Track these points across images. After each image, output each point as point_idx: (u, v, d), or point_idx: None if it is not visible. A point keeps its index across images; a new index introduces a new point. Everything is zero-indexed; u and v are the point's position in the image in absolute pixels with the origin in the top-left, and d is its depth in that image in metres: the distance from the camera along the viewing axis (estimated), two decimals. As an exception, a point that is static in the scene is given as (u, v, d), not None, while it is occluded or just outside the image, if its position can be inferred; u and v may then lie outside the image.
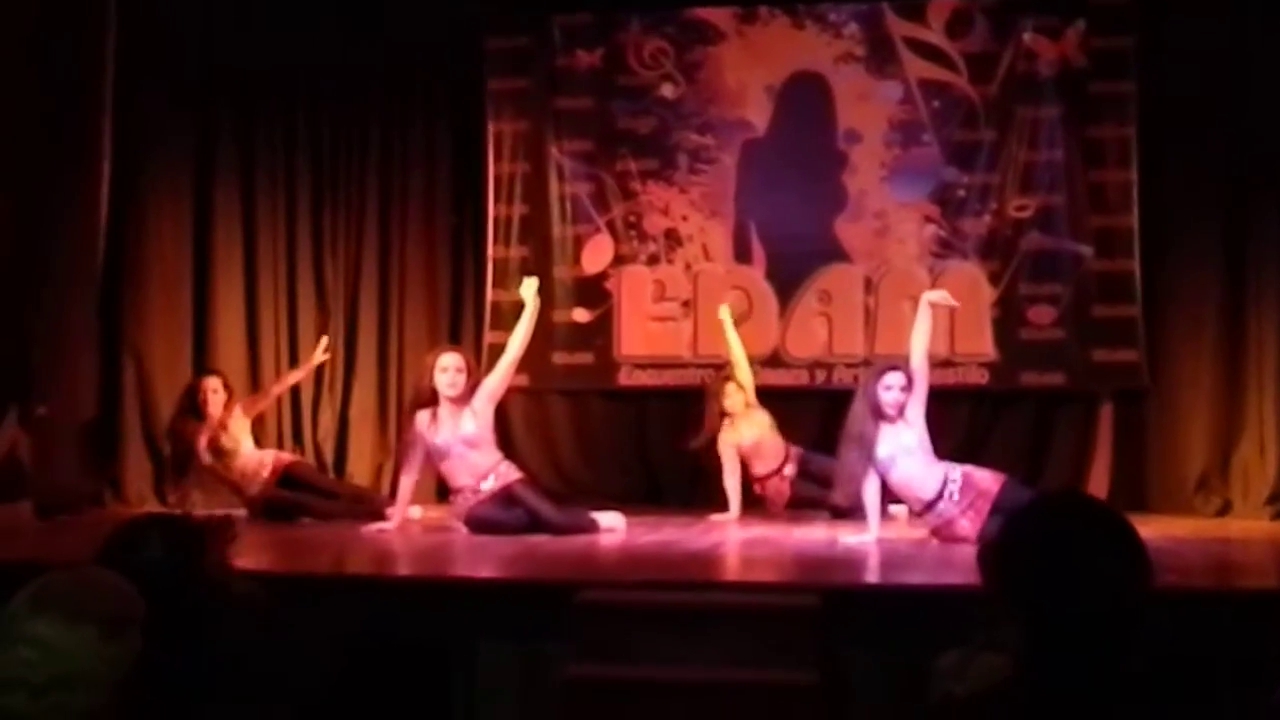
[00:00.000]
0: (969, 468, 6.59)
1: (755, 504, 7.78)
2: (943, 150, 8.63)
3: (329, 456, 8.78)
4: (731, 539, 6.86)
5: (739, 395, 7.82)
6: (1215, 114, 8.20)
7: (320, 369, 8.68)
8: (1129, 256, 8.36)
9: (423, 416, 7.03)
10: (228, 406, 7.93)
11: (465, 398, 7.00)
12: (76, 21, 7.81)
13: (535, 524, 6.87)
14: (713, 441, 7.81)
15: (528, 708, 4.76)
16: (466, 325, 8.98)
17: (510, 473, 7.12)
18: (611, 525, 7.00)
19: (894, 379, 6.47)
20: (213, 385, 7.94)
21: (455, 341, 8.65)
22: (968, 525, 6.28)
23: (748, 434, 7.81)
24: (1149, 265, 8.35)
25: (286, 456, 8.18)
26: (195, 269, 8.65)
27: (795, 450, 7.89)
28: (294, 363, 8.70)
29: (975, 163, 8.58)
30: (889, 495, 6.67)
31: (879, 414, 6.41)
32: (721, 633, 4.65)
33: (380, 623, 4.84)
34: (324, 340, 8.49)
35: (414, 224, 9.00)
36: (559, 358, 8.84)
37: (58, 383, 7.73)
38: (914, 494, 6.48)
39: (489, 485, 7.00)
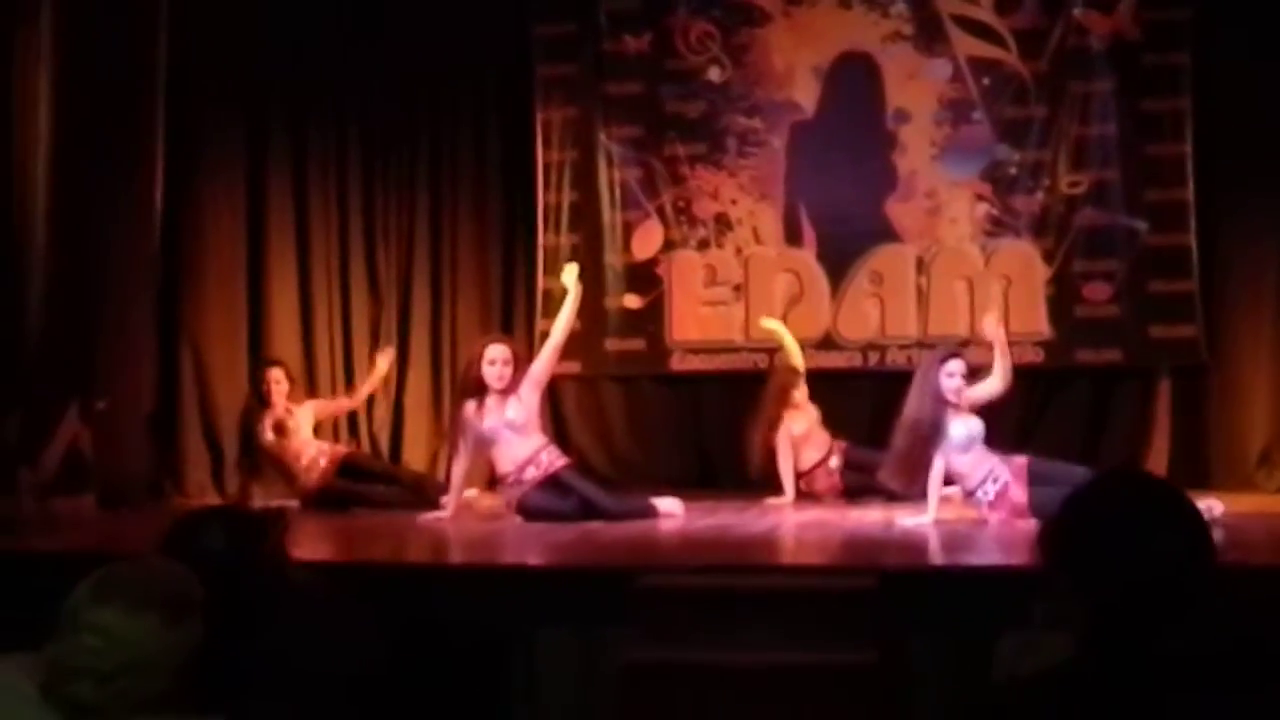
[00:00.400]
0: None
1: (806, 497, 7.76)
2: (993, 128, 8.56)
3: (385, 446, 8.85)
4: (787, 522, 6.84)
5: (804, 388, 7.89)
6: (1271, 85, 8.08)
7: (373, 359, 8.74)
8: (1185, 230, 8.27)
9: (470, 404, 7.06)
10: (292, 396, 8.04)
11: (513, 388, 7.00)
12: (128, 20, 7.87)
13: (589, 510, 6.86)
14: (772, 427, 7.82)
15: (587, 693, 4.77)
16: (518, 313, 9.01)
17: (555, 459, 7.07)
18: (670, 510, 6.98)
19: (956, 366, 6.47)
20: (275, 376, 8.06)
21: (507, 329, 8.71)
22: (1020, 492, 6.32)
23: (799, 425, 7.84)
24: (1205, 239, 8.26)
25: (342, 448, 8.25)
26: (250, 261, 8.72)
27: (839, 443, 7.89)
28: (348, 352, 8.78)
29: (1027, 139, 8.51)
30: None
31: (941, 400, 6.40)
32: (779, 616, 4.64)
33: (439, 611, 4.87)
34: (388, 354, 8.48)
35: (465, 213, 9.04)
36: (611, 344, 8.85)
37: (117, 377, 7.82)
38: (976, 473, 6.48)
39: (532, 472, 6.96)
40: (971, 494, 6.48)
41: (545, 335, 8.56)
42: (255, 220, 8.76)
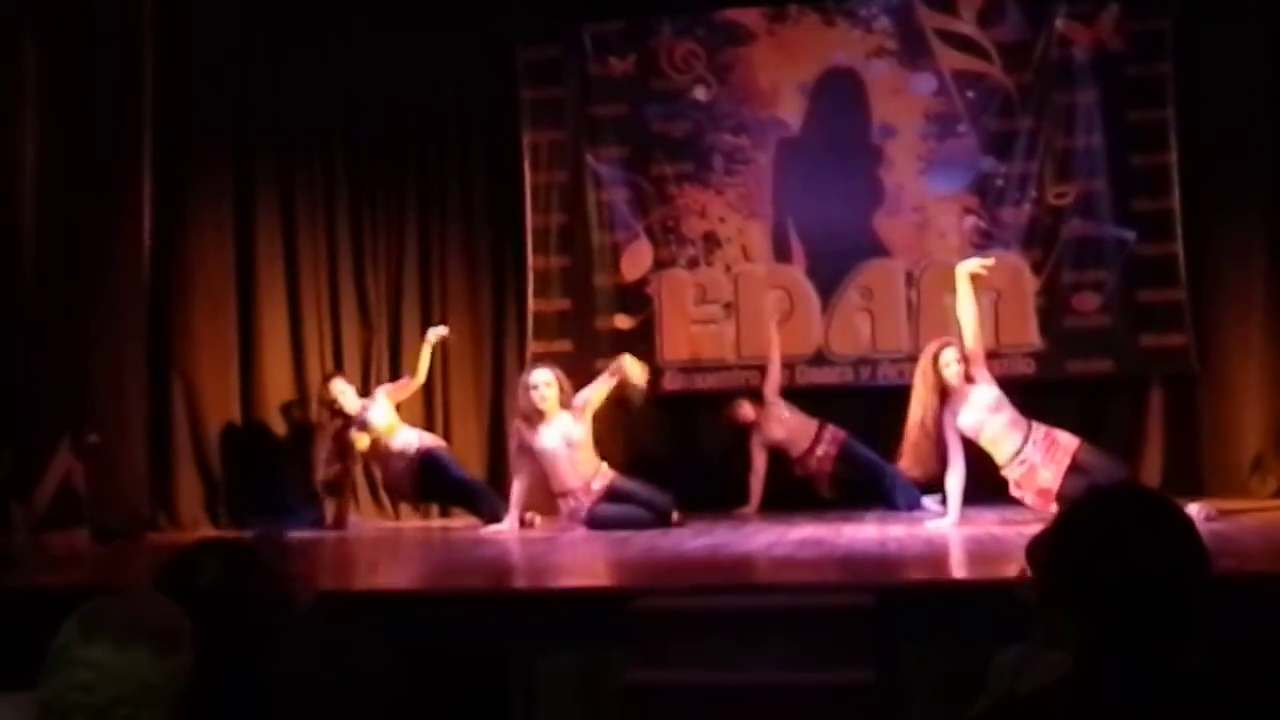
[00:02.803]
0: (1049, 427, 6.74)
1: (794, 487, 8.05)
2: (979, 140, 8.59)
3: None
4: (784, 540, 6.83)
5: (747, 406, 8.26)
6: (1258, 93, 8.11)
7: (366, 385, 8.74)
8: (1172, 240, 8.30)
9: (523, 426, 7.43)
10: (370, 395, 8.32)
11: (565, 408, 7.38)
12: (115, 51, 7.88)
13: (651, 513, 7.26)
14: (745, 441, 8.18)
15: (587, 716, 4.76)
16: (510, 335, 9.01)
17: (610, 472, 7.54)
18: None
19: (951, 355, 6.65)
20: (339, 387, 8.27)
21: (499, 352, 8.88)
22: (1050, 476, 6.48)
23: (777, 432, 8.15)
24: (1194, 248, 8.29)
25: (429, 440, 8.31)
26: (240, 291, 8.72)
27: (834, 432, 8.04)
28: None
29: (1013, 151, 8.54)
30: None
31: (945, 390, 6.59)
32: (777, 635, 4.63)
33: (439, 633, 4.86)
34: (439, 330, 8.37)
35: (453, 237, 9.06)
36: (602, 365, 8.82)
37: (109, 410, 7.80)
38: (1002, 448, 6.64)
39: (598, 485, 7.41)
40: (1017, 454, 6.63)
41: (537, 357, 8.62)
42: (244, 250, 8.76)
